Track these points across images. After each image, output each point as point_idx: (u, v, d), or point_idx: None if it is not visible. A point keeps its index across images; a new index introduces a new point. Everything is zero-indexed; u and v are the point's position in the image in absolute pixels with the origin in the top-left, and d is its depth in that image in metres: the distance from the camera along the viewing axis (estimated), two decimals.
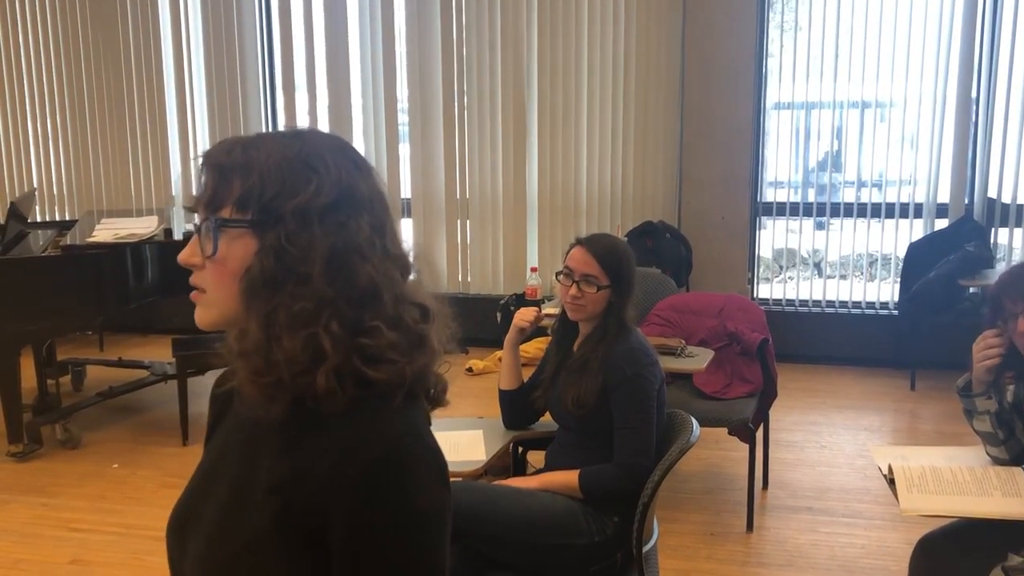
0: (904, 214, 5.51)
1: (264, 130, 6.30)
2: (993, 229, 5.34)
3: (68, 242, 4.44)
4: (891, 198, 5.53)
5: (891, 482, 2.22)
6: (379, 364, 0.98)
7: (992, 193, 5.34)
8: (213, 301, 1.02)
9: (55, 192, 6.62)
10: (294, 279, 0.97)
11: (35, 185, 6.52)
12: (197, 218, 1.03)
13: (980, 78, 5.28)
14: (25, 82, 6.49)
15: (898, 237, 5.54)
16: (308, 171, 0.99)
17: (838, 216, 5.64)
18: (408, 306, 1.03)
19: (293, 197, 0.98)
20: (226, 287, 1.00)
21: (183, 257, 1.03)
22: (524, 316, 2.68)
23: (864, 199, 5.58)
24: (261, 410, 0.98)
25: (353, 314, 0.98)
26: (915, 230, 5.49)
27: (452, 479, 1.03)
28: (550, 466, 2.54)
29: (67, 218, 6.14)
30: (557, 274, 2.51)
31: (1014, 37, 5.16)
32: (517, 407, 2.70)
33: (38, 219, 6.20)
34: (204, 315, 1.04)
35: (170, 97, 6.34)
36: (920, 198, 5.48)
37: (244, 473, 1.02)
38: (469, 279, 6.17)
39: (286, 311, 0.97)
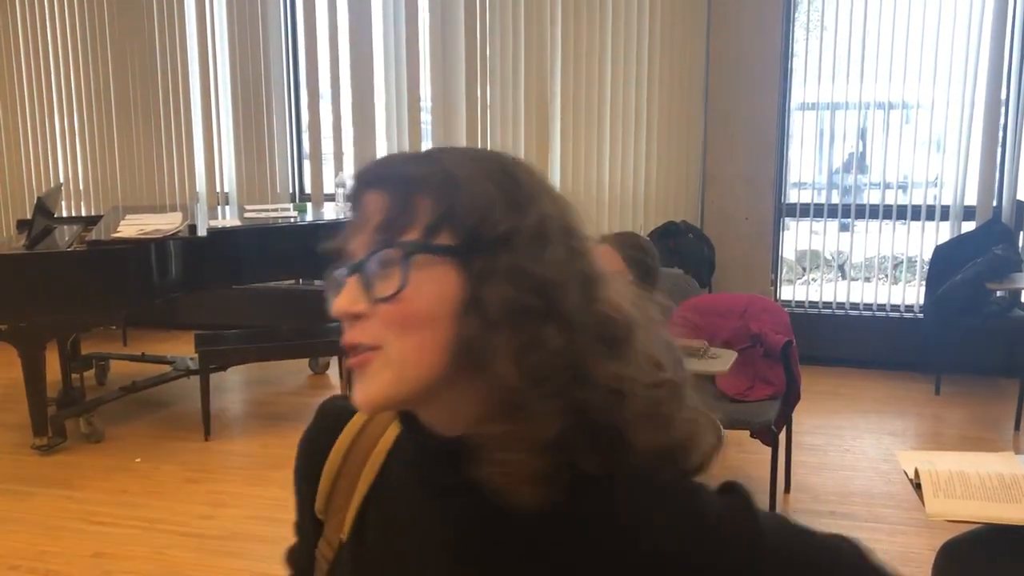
0: (930, 216, 5.45)
1: (288, 128, 6.40)
2: (1022, 232, 5.28)
3: (93, 237, 4.47)
4: (916, 200, 5.47)
5: (917, 486, 2.20)
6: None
7: (1021, 196, 5.27)
8: (399, 360, 0.74)
9: (81, 187, 6.67)
10: (551, 315, 0.74)
11: (61, 180, 6.57)
12: (356, 253, 0.76)
13: (1010, 80, 5.21)
14: (52, 78, 6.54)
15: (924, 239, 5.48)
16: (513, 186, 0.77)
17: (862, 218, 5.59)
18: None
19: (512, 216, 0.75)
20: (421, 337, 0.74)
21: (342, 306, 0.75)
22: None
23: (889, 201, 5.52)
24: (532, 499, 0.73)
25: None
26: (941, 232, 5.43)
27: None
28: None
29: (92, 213, 6.18)
30: None
31: None
32: None
33: (64, 214, 6.25)
34: (380, 385, 0.75)
35: (195, 93, 6.37)
36: (946, 200, 5.42)
37: None
38: None
39: (543, 359, 0.73)
